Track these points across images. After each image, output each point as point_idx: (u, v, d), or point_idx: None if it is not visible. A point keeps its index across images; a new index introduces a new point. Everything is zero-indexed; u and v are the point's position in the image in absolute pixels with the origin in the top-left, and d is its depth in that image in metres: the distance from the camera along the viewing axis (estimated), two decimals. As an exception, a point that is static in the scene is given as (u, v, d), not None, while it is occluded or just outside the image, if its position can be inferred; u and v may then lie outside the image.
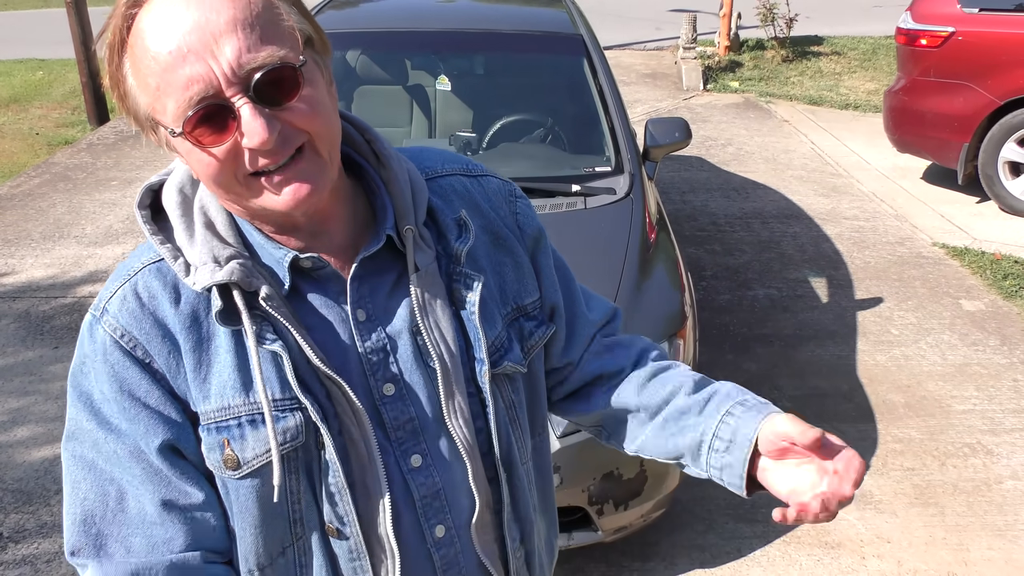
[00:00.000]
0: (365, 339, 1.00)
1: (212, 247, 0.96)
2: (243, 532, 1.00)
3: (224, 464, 0.97)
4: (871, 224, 5.57)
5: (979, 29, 5.52)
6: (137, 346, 0.96)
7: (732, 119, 7.92)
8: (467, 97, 3.80)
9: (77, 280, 4.83)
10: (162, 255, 0.98)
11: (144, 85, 0.89)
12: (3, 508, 3.11)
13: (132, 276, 0.99)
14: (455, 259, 1.05)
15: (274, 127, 0.88)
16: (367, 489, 1.00)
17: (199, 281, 0.95)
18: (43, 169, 6.69)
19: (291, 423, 0.96)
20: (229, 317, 0.95)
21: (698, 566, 2.88)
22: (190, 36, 0.86)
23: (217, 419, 0.96)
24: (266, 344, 0.95)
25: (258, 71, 0.87)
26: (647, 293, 2.84)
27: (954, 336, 4.25)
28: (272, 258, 0.99)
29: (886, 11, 11.38)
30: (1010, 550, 2.95)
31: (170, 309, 0.97)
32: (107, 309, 0.98)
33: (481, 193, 1.13)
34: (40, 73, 9.87)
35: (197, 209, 1.00)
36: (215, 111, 0.88)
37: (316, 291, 1.00)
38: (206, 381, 0.96)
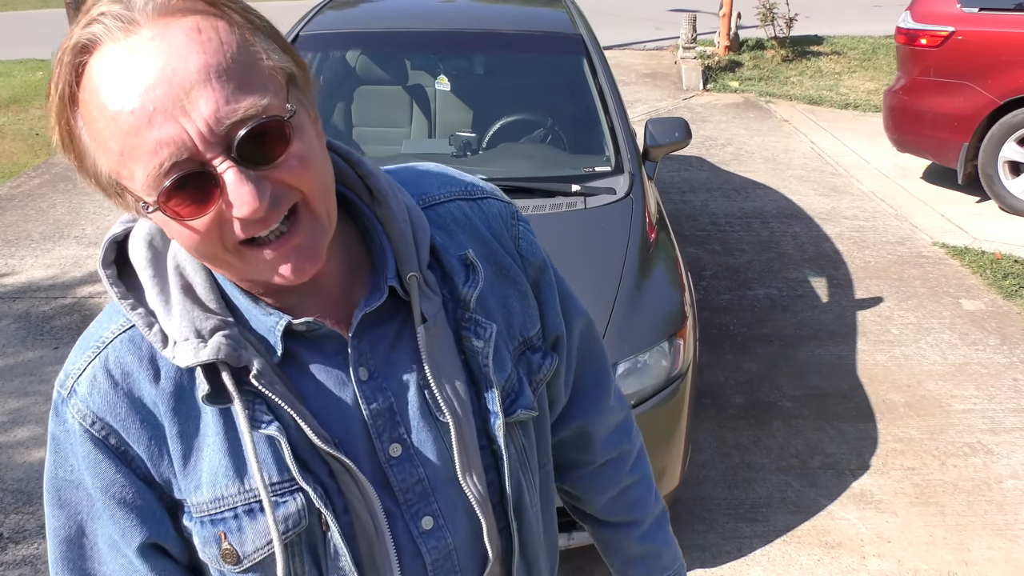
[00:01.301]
0: (369, 400, 0.91)
1: (193, 318, 0.85)
2: None
3: (223, 559, 0.88)
4: (871, 224, 5.57)
5: (979, 29, 5.52)
6: (111, 434, 0.86)
7: (732, 119, 7.92)
8: (467, 97, 3.80)
9: (77, 280, 4.83)
10: (133, 322, 0.87)
11: (105, 148, 0.76)
12: (3, 508, 3.11)
13: (102, 349, 0.88)
14: (463, 304, 0.95)
15: (264, 190, 0.76)
16: (376, 566, 0.92)
17: (181, 358, 0.84)
18: (43, 170, 6.69)
19: (292, 508, 0.88)
20: (216, 397, 0.85)
21: (699, 566, 2.88)
22: (155, 91, 0.72)
23: (211, 511, 0.88)
24: (261, 428, 0.85)
25: (240, 127, 0.74)
26: (647, 293, 2.84)
27: (954, 335, 4.25)
28: (262, 325, 0.88)
29: (886, 11, 11.39)
30: (1010, 549, 2.95)
31: (149, 388, 0.86)
32: (75, 390, 0.87)
33: (482, 219, 1.02)
34: (40, 73, 9.87)
35: (171, 269, 0.87)
36: (193, 178, 0.75)
37: (312, 353, 0.90)
38: (195, 469, 0.87)
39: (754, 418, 3.64)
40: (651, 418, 2.62)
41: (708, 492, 3.20)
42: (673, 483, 2.74)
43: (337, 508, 0.89)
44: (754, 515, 3.09)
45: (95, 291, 4.70)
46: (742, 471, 3.32)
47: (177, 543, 0.91)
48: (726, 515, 3.10)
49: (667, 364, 2.67)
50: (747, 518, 3.08)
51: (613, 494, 1.25)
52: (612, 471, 1.24)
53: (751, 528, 3.04)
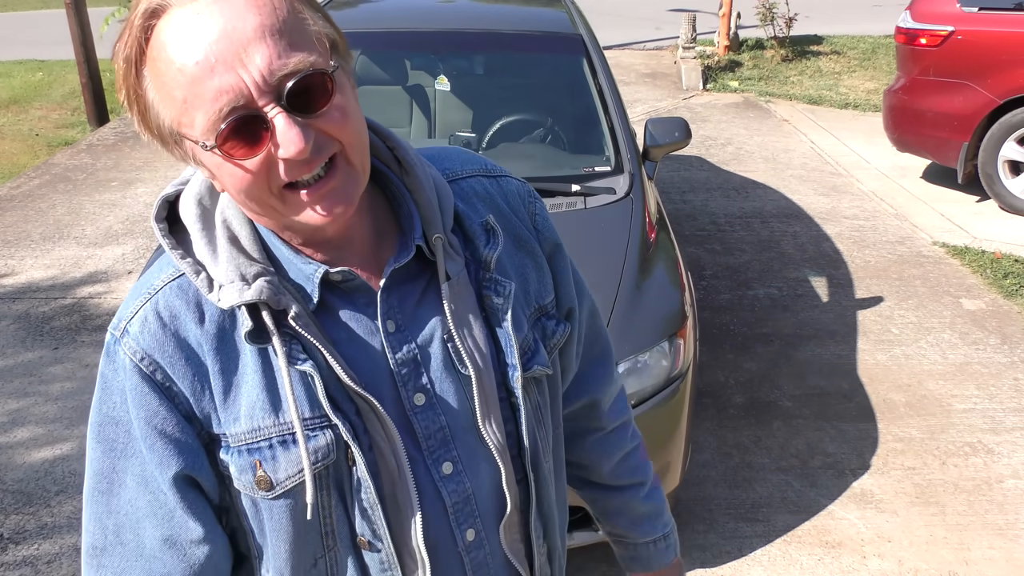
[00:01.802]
0: (396, 351, 0.99)
1: (238, 263, 0.94)
2: (276, 547, 0.99)
3: (257, 485, 0.96)
4: (871, 223, 5.57)
5: (979, 28, 5.52)
6: (157, 370, 0.94)
7: (732, 119, 7.92)
8: (467, 97, 3.80)
9: (77, 281, 4.83)
10: (183, 270, 0.95)
11: (169, 99, 0.86)
12: (3, 509, 3.11)
13: (153, 295, 0.96)
14: (485, 265, 1.04)
15: (309, 135, 0.86)
16: (397, 503, 0.99)
17: (225, 300, 0.93)
18: (43, 170, 6.69)
19: (322, 442, 0.95)
20: (257, 336, 0.93)
21: (699, 565, 2.88)
22: (217, 45, 0.83)
23: (248, 441, 0.95)
24: (296, 364, 0.93)
25: (290, 78, 0.84)
26: (647, 293, 2.83)
27: (954, 335, 4.25)
28: (301, 273, 0.96)
29: (885, 10, 11.39)
30: (1011, 549, 2.95)
31: (195, 329, 0.94)
32: (127, 331, 0.95)
33: (501, 194, 1.12)
34: (40, 74, 9.87)
35: (219, 222, 0.97)
36: (247, 122, 0.85)
37: (344, 304, 0.98)
38: (235, 402, 0.95)
39: (754, 418, 3.64)
40: (651, 418, 2.62)
41: (708, 492, 3.20)
42: (673, 483, 2.74)
43: (363, 445, 0.96)
44: (754, 515, 3.09)
45: (95, 292, 4.70)
46: (742, 471, 3.32)
47: (210, 478, 0.97)
48: (726, 515, 3.09)
49: (667, 364, 2.67)
50: (747, 518, 3.08)
51: (619, 458, 1.33)
52: (618, 437, 1.33)
53: (751, 528, 3.03)
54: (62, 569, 2.84)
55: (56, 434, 3.51)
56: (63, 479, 3.26)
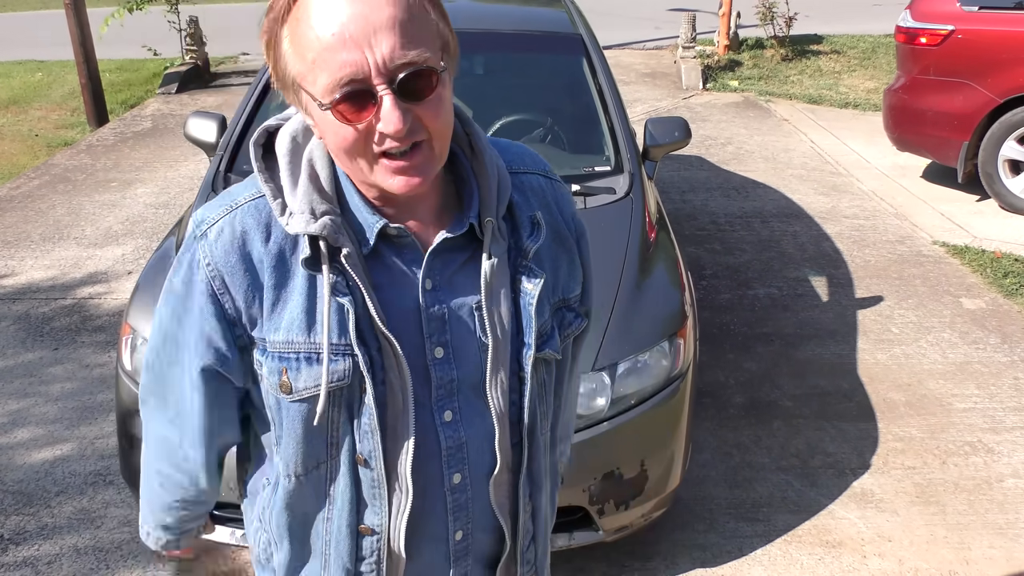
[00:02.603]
0: (429, 306, 1.12)
1: (311, 199, 1.07)
2: (288, 442, 1.15)
3: (280, 388, 1.12)
4: (871, 223, 5.57)
5: (979, 27, 5.52)
6: (216, 276, 1.09)
7: (732, 118, 7.92)
8: (467, 97, 3.80)
9: (77, 282, 4.83)
10: (263, 192, 1.09)
11: (300, 56, 1.00)
12: (3, 510, 3.11)
13: (233, 209, 1.11)
14: (524, 254, 1.16)
15: (407, 119, 0.99)
16: (396, 433, 1.12)
17: (293, 226, 1.06)
18: (42, 171, 6.69)
19: (341, 366, 1.09)
20: (311, 263, 1.07)
21: (699, 565, 2.88)
22: (353, 24, 0.96)
23: (281, 350, 1.10)
24: (337, 296, 1.07)
25: (405, 68, 0.98)
26: (647, 292, 2.83)
27: (955, 334, 4.25)
28: (365, 221, 1.10)
29: (885, 9, 11.38)
30: (1011, 548, 2.95)
31: (260, 246, 1.09)
32: (207, 235, 1.10)
33: (554, 196, 1.25)
34: (39, 74, 9.87)
35: (305, 160, 1.10)
36: (360, 94, 0.98)
37: (394, 255, 1.11)
38: (279, 315, 1.10)
39: (755, 417, 3.64)
40: (651, 418, 2.62)
41: (709, 492, 3.20)
42: (674, 483, 2.74)
43: (376, 378, 1.10)
44: (755, 515, 3.09)
45: (95, 292, 4.70)
46: (743, 471, 3.32)
47: (239, 374, 1.16)
48: (727, 515, 3.09)
49: (667, 364, 2.67)
50: (748, 518, 3.08)
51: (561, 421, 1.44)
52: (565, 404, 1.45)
53: (752, 528, 3.03)
54: (62, 570, 2.84)
55: (56, 435, 3.51)
56: (63, 480, 3.26)
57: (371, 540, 1.19)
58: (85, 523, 3.04)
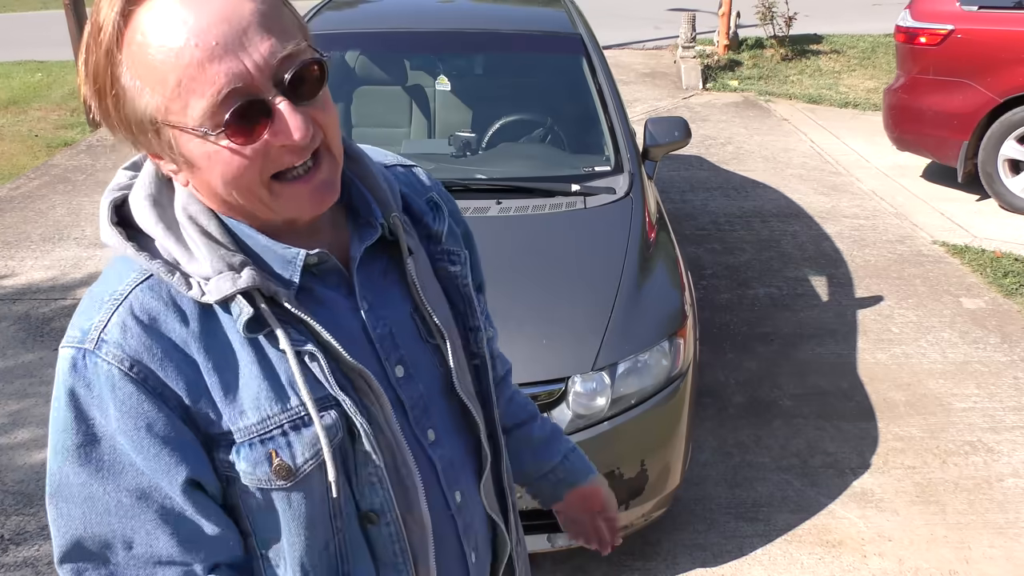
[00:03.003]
0: (374, 327, 1.01)
1: (221, 255, 0.92)
2: (291, 538, 0.97)
3: (275, 475, 0.94)
4: (871, 222, 5.57)
5: (978, 27, 5.52)
6: (149, 376, 0.90)
7: (731, 118, 7.92)
8: (466, 97, 3.80)
9: (77, 282, 4.83)
10: (152, 271, 0.92)
11: (157, 83, 0.84)
12: (4, 510, 3.11)
13: (122, 300, 0.92)
14: (435, 239, 1.11)
15: (308, 122, 0.87)
16: (399, 473, 1.01)
17: (214, 292, 0.91)
18: (42, 171, 6.69)
19: (329, 421, 0.95)
20: (254, 324, 0.92)
21: (699, 565, 2.88)
22: (218, 28, 0.82)
23: (260, 432, 0.93)
24: (299, 346, 0.93)
25: (289, 64, 0.86)
26: (647, 292, 2.83)
27: (954, 334, 4.25)
28: (280, 259, 0.95)
29: (885, 9, 11.38)
30: (1011, 548, 2.95)
31: (178, 327, 0.91)
32: (104, 339, 0.90)
33: (419, 182, 1.17)
34: (39, 75, 9.87)
35: (184, 219, 0.94)
36: (248, 108, 0.84)
37: (318, 287, 0.99)
38: (236, 397, 0.93)
39: (755, 417, 3.64)
40: (652, 418, 2.62)
41: (709, 491, 3.20)
42: (674, 482, 2.74)
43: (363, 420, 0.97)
44: (755, 514, 3.09)
45: (95, 292, 4.70)
46: (743, 470, 3.32)
47: (213, 481, 0.95)
48: (727, 514, 3.09)
49: (667, 364, 2.67)
50: (748, 517, 3.08)
51: (508, 398, 1.40)
52: (507, 382, 1.41)
53: (752, 527, 3.03)
54: (63, 570, 2.84)
55: (56, 435, 3.51)
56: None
57: None
58: (85, 523, 3.04)
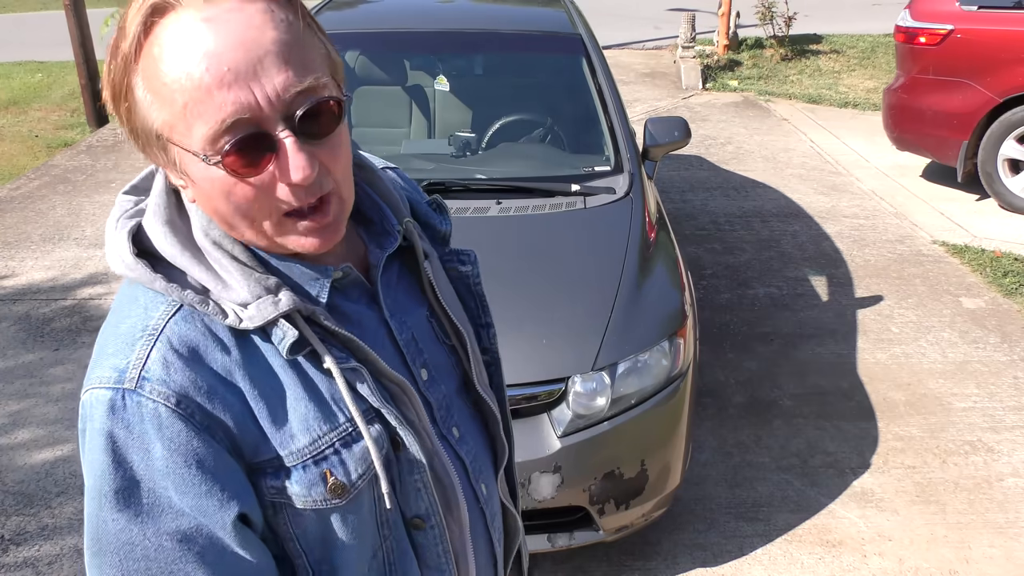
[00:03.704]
0: (400, 333, 1.03)
1: (256, 279, 0.90)
2: (345, 554, 0.96)
3: (332, 494, 0.92)
4: (871, 222, 5.57)
5: (978, 27, 5.52)
6: (196, 411, 0.86)
7: (731, 118, 7.92)
8: (466, 97, 3.80)
9: (77, 282, 4.83)
10: (186, 302, 0.88)
11: (166, 102, 0.81)
12: (4, 511, 3.11)
13: (158, 334, 0.87)
14: (443, 240, 1.12)
15: (315, 164, 0.84)
16: (438, 476, 1.02)
17: (255, 318, 0.88)
18: (42, 171, 6.69)
19: (375, 434, 0.95)
20: (297, 347, 0.90)
21: (700, 565, 2.88)
22: (232, 54, 0.79)
23: (313, 453, 0.91)
24: (343, 363, 0.92)
25: (303, 101, 0.82)
26: (647, 292, 2.83)
27: (954, 334, 4.25)
28: (308, 278, 0.94)
29: (885, 9, 11.38)
30: (1011, 547, 2.95)
31: (221, 357, 0.88)
32: (145, 377, 0.85)
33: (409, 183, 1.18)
34: (39, 75, 9.87)
35: (208, 244, 0.91)
36: (253, 140, 0.81)
37: (344, 301, 0.98)
38: (285, 421, 0.90)
39: (755, 417, 3.64)
40: (652, 418, 2.62)
41: (709, 491, 3.20)
42: (674, 482, 2.74)
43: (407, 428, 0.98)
44: (755, 514, 3.09)
45: (95, 293, 4.70)
46: (743, 470, 3.32)
47: (258, 513, 0.92)
48: (727, 514, 3.09)
49: (667, 363, 2.67)
50: (748, 517, 3.08)
51: None
52: None
53: (752, 527, 3.03)
54: (63, 571, 2.84)
55: (57, 435, 3.51)
56: (64, 480, 3.26)
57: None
58: (86, 524, 3.04)
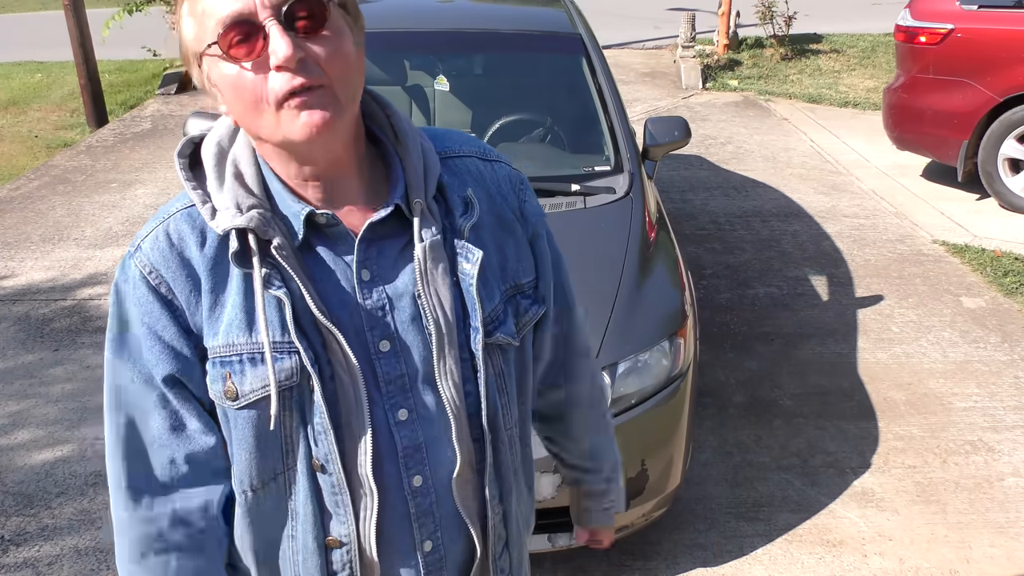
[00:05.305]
0: (366, 296, 1.08)
1: (237, 195, 1.05)
2: (240, 456, 1.10)
3: (225, 395, 1.07)
4: (871, 222, 5.57)
5: (978, 26, 5.52)
6: (162, 283, 1.06)
7: (731, 117, 7.92)
8: (466, 97, 3.80)
9: (77, 283, 4.83)
10: (193, 200, 1.07)
11: (193, 15, 1.00)
12: (4, 511, 3.11)
13: (167, 219, 1.09)
14: (459, 234, 1.12)
15: (297, 49, 0.96)
16: (352, 432, 1.08)
17: (219, 223, 1.04)
18: (42, 172, 6.69)
19: (287, 364, 1.05)
20: (243, 260, 1.04)
21: (700, 565, 2.88)
22: None
23: (222, 354, 1.06)
24: (271, 289, 1.03)
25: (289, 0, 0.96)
26: (647, 292, 2.83)
27: (955, 333, 4.25)
28: (290, 210, 1.07)
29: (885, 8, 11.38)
30: (1012, 547, 2.95)
31: (196, 251, 1.06)
32: (141, 247, 1.08)
33: (492, 177, 1.20)
34: (39, 75, 9.87)
35: (230, 161, 1.08)
36: (248, 30, 0.96)
37: (326, 246, 1.08)
38: (218, 319, 1.06)
39: (755, 417, 3.64)
40: (652, 418, 2.62)
41: (709, 491, 3.20)
42: (674, 482, 2.74)
43: (324, 374, 1.06)
44: (755, 514, 3.09)
45: (95, 293, 4.70)
46: (743, 470, 3.32)
47: (200, 384, 1.09)
48: (727, 514, 3.09)
49: (668, 363, 2.67)
50: (748, 517, 3.08)
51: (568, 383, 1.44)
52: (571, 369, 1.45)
53: (752, 527, 3.03)
54: (63, 571, 2.84)
55: (57, 436, 3.51)
56: (64, 481, 3.26)
57: (340, 552, 1.12)
58: (86, 524, 3.04)
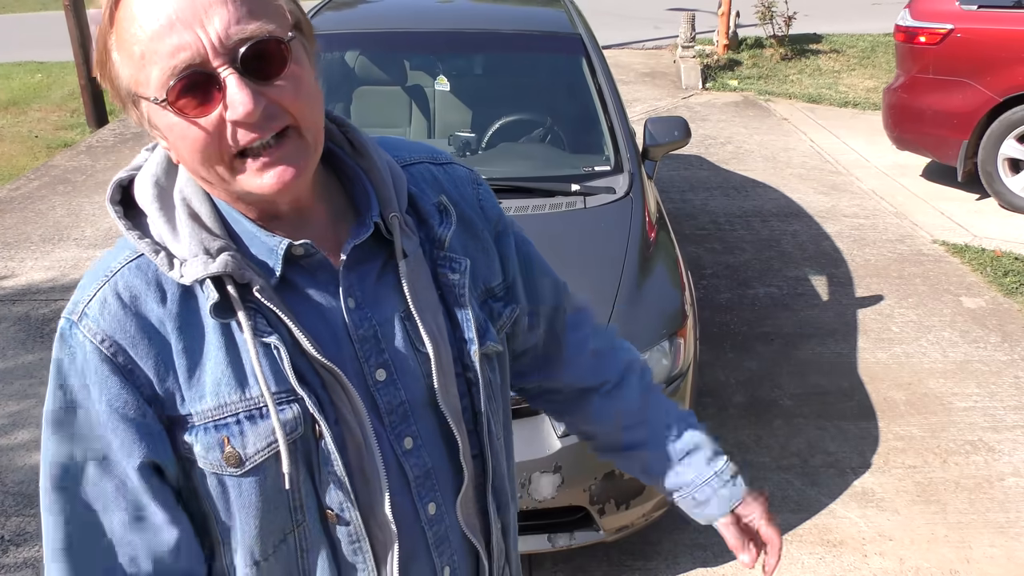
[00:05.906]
0: (357, 327, 1.00)
1: (201, 238, 0.94)
2: (244, 525, 0.99)
3: (226, 462, 0.95)
4: (871, 222, 5.57)
5: (978, 26, 5.52)
6: (119, 352, 0.93)
7: (731, 117, 7.92)
8: (466, 97, 3.80)
9: (77, 283, 4.79)
10: (141, 251, 0.95)
11: (128, 55, 0.88)
12: (4, 511, 3.11)
13: (111, 276, 0.96)
14: (439, 244, 1.07)
15: (259, 100, 0.87)
16: (365, 475, 1.00)
17: (188, 274, 0.93)
18: (42, 172, 6.69)
19: (289, 415, 0.96)
20: (222, 310, 0.93)
21: (700, 565, 2.88)
22: (179, 5, 0.85)
23: (215, 418, 0.95)
24: (262, 337, 0.94)
25: (246, 43, 0.86)
26: (647, 292, 2.83)
27: (955, 333, 4.25)
28: (264, 247, 0.97)
29: (885, 9, 11.38)
30: (1012, 547, 2.95)
31: (156, 308, 0.94)
32: (86, 313, 0.95)
33: (449, 180, 1.14)
34: (39, 76, 9.87)
35: (178, 201, 0.97)
36: (200, 80, 0.86)
37: (305, 280, 0.99)
38: (200, 380, 0.95)
39: (755, 417, 3.64)
40: (652, 417, 2.61)
41: (709, 491, 3.20)
42: (674, 482, 2.74)
43: (329, 418, 0.97)
44: (755, 514, 3.09)
45: (95, 293, 4.70)
46: (743, 470, 3.26)
47: (172, 463, 0.97)
48: (727, 514, 3.09)
49: (668, 363, 2.67)
50: (748, 517, 3.08)
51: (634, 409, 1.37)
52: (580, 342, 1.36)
53: (753, 527, 3.03)
54: (63, 571, 2.84)
55: (57, 436, 3.51)
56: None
57: None
58: (86, 524, 3.04)
